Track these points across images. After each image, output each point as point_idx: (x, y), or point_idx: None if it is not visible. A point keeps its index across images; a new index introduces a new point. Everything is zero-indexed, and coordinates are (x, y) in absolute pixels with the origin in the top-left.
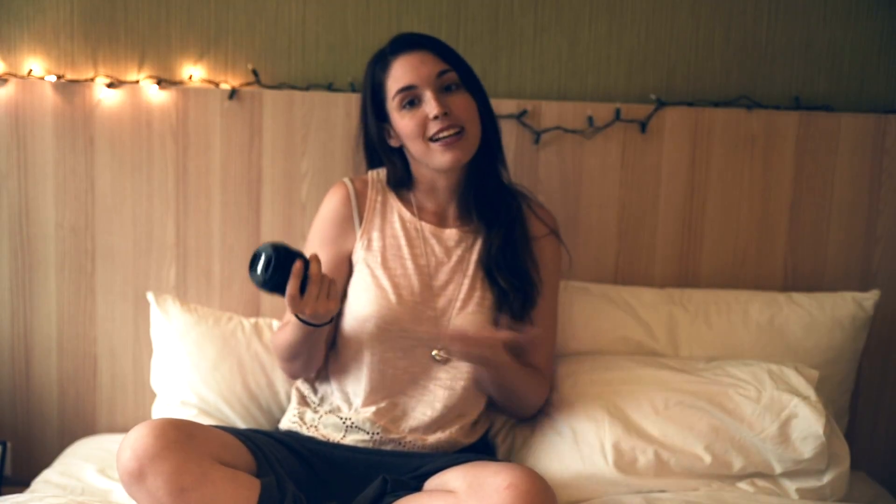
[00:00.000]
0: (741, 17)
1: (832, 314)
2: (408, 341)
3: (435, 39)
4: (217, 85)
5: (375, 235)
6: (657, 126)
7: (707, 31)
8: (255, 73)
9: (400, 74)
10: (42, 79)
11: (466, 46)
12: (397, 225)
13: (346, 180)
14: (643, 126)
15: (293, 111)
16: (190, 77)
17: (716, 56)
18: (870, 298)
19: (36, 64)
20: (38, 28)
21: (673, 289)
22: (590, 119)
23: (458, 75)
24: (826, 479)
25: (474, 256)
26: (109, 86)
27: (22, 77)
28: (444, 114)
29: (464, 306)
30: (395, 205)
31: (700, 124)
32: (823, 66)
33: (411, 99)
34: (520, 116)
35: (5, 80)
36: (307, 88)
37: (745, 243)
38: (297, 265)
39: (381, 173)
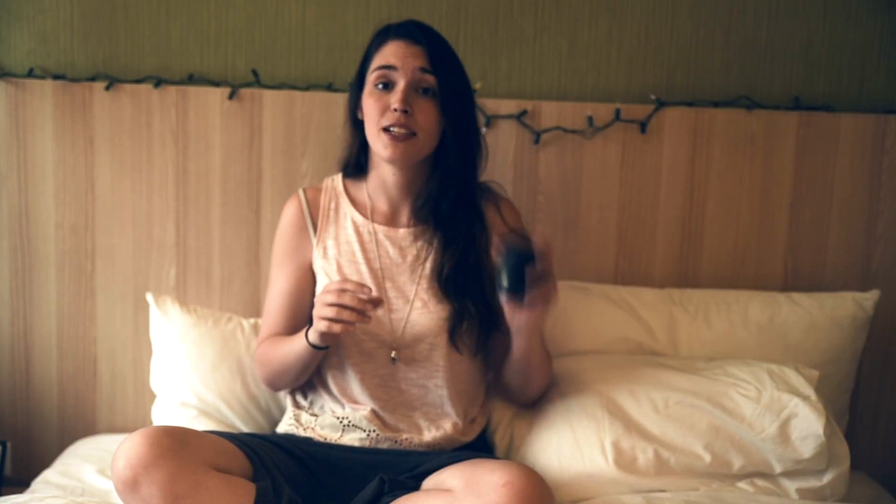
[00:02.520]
0: (741, 17)
1: (832, 314)
2: (370, 344)
3: (437, 41)
4: (217, 85)
5: (330, 243)
6: (657, 126)
7: (707, 31)
8: (255, 73)
9: (388, 53)
10: (42, 79)
11: (466, 46)
12: (350, 230)
13: (300, 191)
14: (643, 126)
15: (293, 111)
16: (190, 77)
17: (716, 56)
18: (870, 298)
19: (36, 64)
20: (38, 28)
21: (673, 289)
22: (590, 119)
23: (437, 83)
24: (826, 479)
25: (429, 264)
26: (109, 86)
27: (22, 77)
28: (404, 111)
29: (423, 306)
30: (349, 210)
31: (700, 124)
32: (823, 66)
33: (385, 81)
34: (520, 116)
35: (5, 80)
36: (307, 88)
37: (744, 243)
38: None
39: (336, 179)
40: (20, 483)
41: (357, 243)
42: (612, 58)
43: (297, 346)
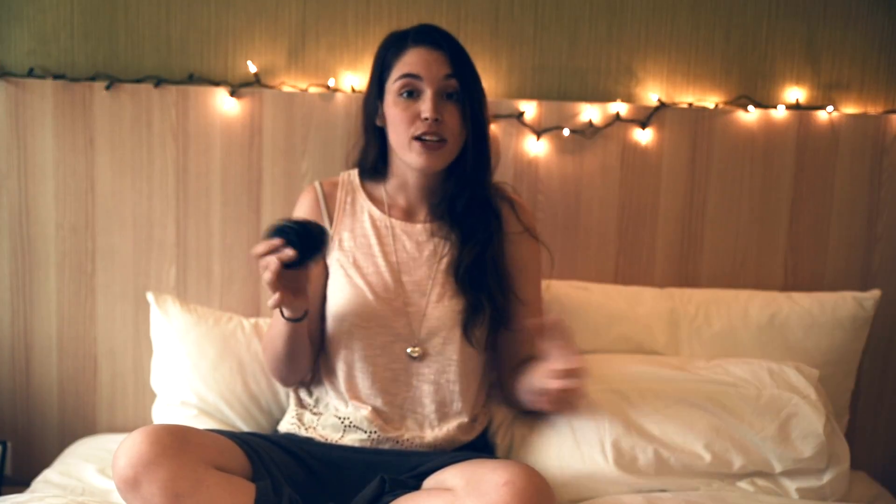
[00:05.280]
0: (741, 17)
1: (832, 314)
2: (385, 338)
3: (457, 46)
4: (217, 85)
5: (346, 235)
6: (657, 126)
7: (707, 31)
8: (255, 73)
9: (411, 62)
10: (42, 78)
11: (466, 46)
12: (367, 224)
13: (316, 183)
14: (643, 126)
15: (293, 111)
16: (190, 77)
17: (716, 56)
18: (870, 298)
19: (36, 64)
20: (38, 28)
21: (673, 288)
22: (590, 119)
23: (460, 87)
24: (826, 478)
25: (446, 259)
26: (109, 85)
27: (22, 77)
28: (436, 119)
29: (438, 300)
30: (366, 204)
31: (700, 124)
32: (823, 66)
33: (411, 90)
34: (520, 116)
35: (5, 80)
36: (307, 88)
37: (745, 243)
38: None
39: (353, 174)
40: (20, 483)
41: (374, 236)
42: (612, 58)
43: (274, 320)
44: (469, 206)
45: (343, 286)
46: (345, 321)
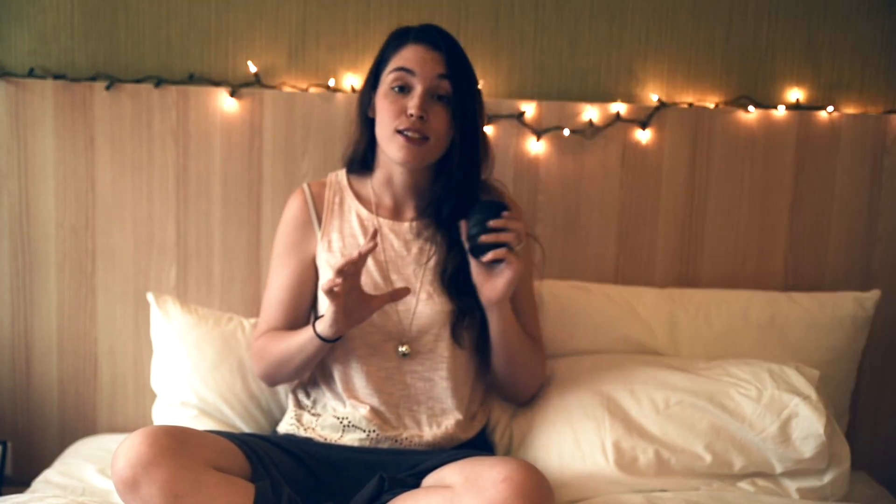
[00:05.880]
0: (741, 17)
1: (832, 314)
2: (376, 337)
3: (456, 49)
4: (217, 85)
5: (335, 236)
6: (657, 126)
7: (707, 31)
8: (255, 73)
9: (407, 57)
10: (43, 78)
11: (466, 46)
12: (355, 224)
13: (304, 185)
14: (643, 126)
15: (293, 111)
16: (190, 77)
17: (716, 56)
18: (870, 298)
19: (36, 64)
20: (38, 28)
21: (673, 289)
22: (590, 119)
23: (452, 89)
24: (827, 478)
25: (433, 259)
26: (110, 85)
27: (22, 77)
28: (420, 117)
29: (427, 298)
30: (353, 204)
31: (700, 124)
32: (823, 66)
33: (402, 84)
34: (520, 116)
35: (6, 80)
36: (307, 88)
37: (745, 243)
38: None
39: (340, 174)
40: (21, 483)
41: (362, 236)
42: (612, 58)
43: (302, 337)
44: (455, 211)
45: None
46: None
